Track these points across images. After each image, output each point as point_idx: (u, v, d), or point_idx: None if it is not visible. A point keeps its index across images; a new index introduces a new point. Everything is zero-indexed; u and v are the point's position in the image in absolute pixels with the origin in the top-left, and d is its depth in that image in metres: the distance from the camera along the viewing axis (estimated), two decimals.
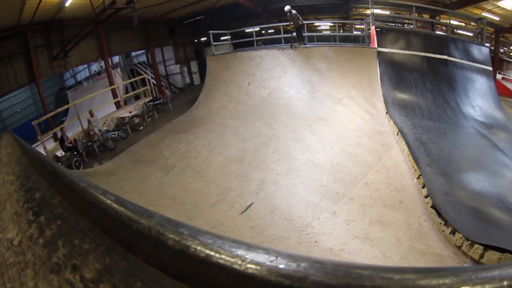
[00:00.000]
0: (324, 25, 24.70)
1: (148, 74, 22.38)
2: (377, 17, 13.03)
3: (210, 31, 14.68)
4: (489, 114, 10.49)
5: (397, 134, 7.87)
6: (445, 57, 11.10)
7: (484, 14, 16.52)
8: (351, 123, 9.16)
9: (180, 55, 25.96)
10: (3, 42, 13.77)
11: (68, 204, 1.32)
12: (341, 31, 20.84)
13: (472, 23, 17.80)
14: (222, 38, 17.90)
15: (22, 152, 2.91)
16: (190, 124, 11.55)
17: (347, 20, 16.25)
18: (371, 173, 6.73)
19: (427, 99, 9.86)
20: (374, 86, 10.22)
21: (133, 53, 26.15)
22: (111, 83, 18.24)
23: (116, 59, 24.43)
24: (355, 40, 14.38)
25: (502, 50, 22.40)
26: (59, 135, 11.89)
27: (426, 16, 18.18)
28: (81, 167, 10.45)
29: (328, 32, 22.56)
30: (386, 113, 9.02)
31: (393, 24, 16.67)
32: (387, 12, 18.82)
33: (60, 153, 11.20)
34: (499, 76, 19.71)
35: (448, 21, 14.04)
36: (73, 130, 13.08)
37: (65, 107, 18.25)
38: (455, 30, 17.10)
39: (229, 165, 8.12)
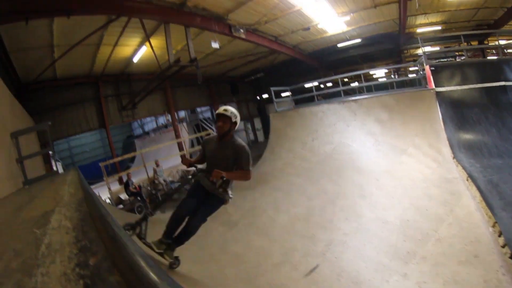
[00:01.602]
0: (379, 72, 24.58)
1: (213, 130, 23.77)
2: (429, 55, 12.80)
3: (272, 88, 15.19)
4: None
5: (467, 180, 7.46)
6: (502, 83, 10.46)
7: None
8: (418, 173, 8.83)
9: (244, 112, 27.41)
10: (77, 87, 16.07)
11: None
12: (397, 76, 20.55)
13: None
14: (283, 95, 18.47)
15: (84, 197, 3.01)
16: (255, 181, 11.52)
17: (400, 64, 16.11)
18: (443, 227, 6.42)
19: (492, 134, 9.23)
20: (438, 130, 9.89)
21: (199, 109, 28.29)
22: (177, 136, 19.72)
23: (182, 113, 26.79)
24: (411, 83, 14.14)
25: None
26: (124, 179, 13.00)
27: (474, 44, 17.48)
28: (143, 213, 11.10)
29: (384, 79, 22.41)
30: (453, 158, 8.61)
31: (446, 60, 16.17)
32: (437, 48, 18.37)
33: (124, 196, 12.05)
34: None
35: (497, 42, 13.32)
36: (138, 177, 14.11)
37: (133, 154, 20.13)
38: (505, 50, 16.02)
39: (294, 224, 8.12)
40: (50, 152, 9.25)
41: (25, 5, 8.13)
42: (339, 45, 20.71)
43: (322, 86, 21.60)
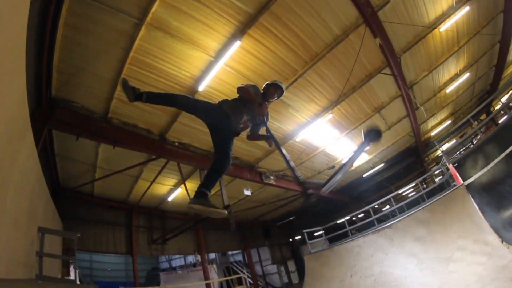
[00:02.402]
0: (408, 189, 23.64)
1: (244, 273, 22.90)
2: (448, 152, 12.35)
3: (304, 231, 14.85)
4: None
5: None
6: None
7: None
8: (471, 275, 7.37)
9: (277, 255, 26.74)
10: (111, 209, 16.20)
11: None
12: (425, 186, 19.68)
13: None
14: (315, 234, 17.74)
15: None
16: None
17: (425, 175, 15.52)
18: None
19: None
20: (478, 222, 8.40)
21: (230, 252, 27.85)
22: (206, 277, 18.82)
23: (212, 255, 25.99)
24: (441, 188, 13.03)
25: None
26: None
27: (483, 118, 17.05)
28: None
29: (413, 194, 21.44)
30: (502, 241, 7.10)
31: (465, 147, 15.46)
32: (454, 141, 18.01)
33: None
34: None
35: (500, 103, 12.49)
36: None
37: (158, 287, 19.79)
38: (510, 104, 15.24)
39: None
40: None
41: (81, 123, 9.10)
42: (365, 175, 20.75)
43: (354, 219, 20.61)
